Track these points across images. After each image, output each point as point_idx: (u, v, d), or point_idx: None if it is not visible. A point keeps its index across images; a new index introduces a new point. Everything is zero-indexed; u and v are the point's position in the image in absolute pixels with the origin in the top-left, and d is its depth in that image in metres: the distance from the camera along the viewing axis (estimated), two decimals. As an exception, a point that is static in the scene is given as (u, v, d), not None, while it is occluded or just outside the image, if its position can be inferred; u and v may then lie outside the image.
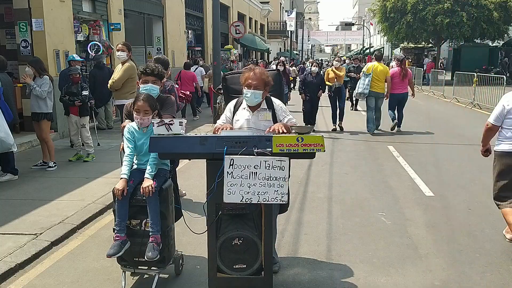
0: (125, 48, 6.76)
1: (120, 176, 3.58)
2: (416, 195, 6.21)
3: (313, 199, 6.03)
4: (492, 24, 27.22)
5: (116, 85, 6.88)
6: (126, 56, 6.78)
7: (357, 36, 62.49)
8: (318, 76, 11.12)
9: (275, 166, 3.22)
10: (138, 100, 3.61)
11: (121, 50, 6.74)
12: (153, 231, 3.50)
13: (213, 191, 3.28)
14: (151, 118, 3.61)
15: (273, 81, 3.82)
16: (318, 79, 11.06)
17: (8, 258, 4.16)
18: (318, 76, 11.12)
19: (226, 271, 3.45)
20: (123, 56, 6.76)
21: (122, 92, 6.93)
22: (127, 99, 6.41)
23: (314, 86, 11.00)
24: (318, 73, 11.20)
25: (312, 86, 11.00)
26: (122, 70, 6.81)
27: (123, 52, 6.73)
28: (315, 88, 11.00)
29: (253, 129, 3.61)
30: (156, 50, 16.18)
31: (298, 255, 4.38)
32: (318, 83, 11.02)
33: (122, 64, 6.88)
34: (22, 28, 9.62)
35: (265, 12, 38.65)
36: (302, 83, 11.28)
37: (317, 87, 10.99)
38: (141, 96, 3.64)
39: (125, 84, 6.88)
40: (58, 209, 5.43)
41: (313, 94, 11.01)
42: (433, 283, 3.84)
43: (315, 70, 11.13)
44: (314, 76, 11.08)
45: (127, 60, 6.83)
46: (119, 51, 6.76)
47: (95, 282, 3.87)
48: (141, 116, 3.60)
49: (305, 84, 11.13)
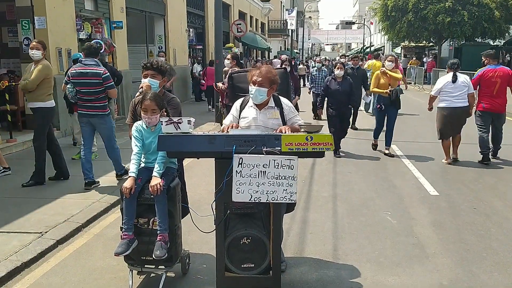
0: (40, 46, 6.13)
1: (128, 174, 3.56)
2: (420, 194, 6.20)
3: (318, 198, 6.02)
4: (493, 23, 27.16)
5: (31, 86, 6.08)
6: (41, 55, 6.14)
7: (358, 35, 62.46)
8: (345, 82, 8.29)
9: (284, 165, 3.20)
10: (145, 99, 3.59)
11: (35, 48, 6.07)
12: (161, 229, 3.49)
13: (222, 190, 3.27)
14: (158, 116, 3.59)
15: (280, 80, 3.80)
16: (345, 85, 8.26)
17: (14, 257, 4.15)
18: (345, 82, 8.29)
19: (234, 270, 3.44)
20: (37, 55, 6.09)
21: (37, 94, 6.16)
22: (44, 102, 6.18)
23: (342, 95, 8.22)
24: (345, 78, 8.33)
25: (338, 96, 8.22)
26: (37, 70, 6.08)
27: (38, 50, 6.08)
28: (344, 98, 8.23)
29: (262, 127, 3.59)
30: (158, 49, 16.15)
31: (305, 254, 4.37)
32: (346, 91, 8.24)
33: (34, 63, 6.16)
34: (25, 26, 9.59)
35: (265, 10, 38.59)
36: (324, 93, 8.55)
37: (346, 97, 8.24)
38: (148, 95, 3.62)
39: (41, 85, 6.13)
40: (62, 207, 5.42)
41: (342, 106, 8.28)
42: (441, 283, 3.83)
43: (340, 74, 8.27)
44: (340, 82, 8.28)
45: (41, 60, 6.17)
46: (34, 49, 6.07)
47: (102, 281, 3.86)
48: (148, 115, 3.58)
49: (329, 94, 8.37)
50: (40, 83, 6.13)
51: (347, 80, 8.36)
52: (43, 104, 6.23)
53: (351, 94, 8.41)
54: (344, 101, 8.25)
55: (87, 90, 6.11)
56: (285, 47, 46.80)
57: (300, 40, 54.92)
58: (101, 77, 6.11)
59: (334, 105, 8.28)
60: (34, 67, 6.16)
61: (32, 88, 6.12)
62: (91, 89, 6.10)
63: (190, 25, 19.60)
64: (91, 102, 6.17)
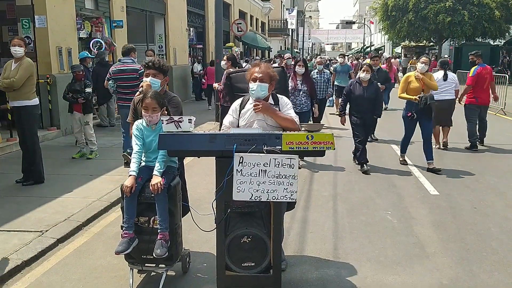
0: (22, 43, 6.05)
1: (129, 173, 3.56)
2: (421, 193, 6.20)
3: (318, 198, 6.02)
4: (493, 23, 27.18)
5: (17, 84, 5.96)
6: (23, 52, 6.05)
7: (358, 35, 62.45)
8: (371, 87, 7.24)
9: (284, 164, 3.20)
10: (146, 98, 3.59)
11: (17, 45, 5.97)
12: (161, 228, 3.49)
13: (222, 189, 3.27)
14: (159, 115, 3.59)
15: (278, 77, 3.80)
16: (371, 91, 7.20)
17: (14, 255, 4.15)
18: (371, 87, 7.24)
19: (234, 269, 3.44)
20: (20, 52, 5.99)
21: (22, 92, 6.07)
22: (30, 99, 6.11)
23: (366, 102, 7.19)
24: (371, 83, 7.29)
25: (362, 102, 7.19)
26: (22, 68, 5.99)
27: (20, 47, 5.98)
28: (368, 105, 7.21)
29: (261, 122, 3.59)
30: (158, 48, 16.15)
31: (305, 253, 4.37)
32: (372, 98, 7.19)
33: (15, 61, 6.05)
34: (25, 25, 9.59)
35: (266, 10, 38.58)
36: (346, 98, 7.47)
37: (370, 104, 7.21)
38: (148, 93, 3.62)
39: (26, 83, 6.06)
40: (63, 206, 5.42)
41: (365, 115, 7.27)
42: (441, 282, 3.83)
43: (365, 78, 7.21)
44: (365, 87, 7.25)
45: (23, 57, 6.06)
46: (16, 45, 5.96)
47: (102, 279, 3.86)
48: (149, 113, 3.58)
49: (352, 100, 7.38)
50: (25, 81, 6.04)
51: (373, 86, 7.27)
52: (29, 102, 6.11)
53: (377, 102, 7.30)
54: (368, 108, 7.21)
55: (125, 84, 7.14)
56: (285, 47, 46.77)
57: (300, 39, 54.89)
58: (137, 72, 7.09)
59: (358, 113, 7.27)
60: (16, 65, 6.04)
61: (18, 86, 6.00)
62: (129, 83, 7.10)
63: (190, 24, 19.60)
64: (129, 95, 6.85)
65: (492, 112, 14.10)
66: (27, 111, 6.14)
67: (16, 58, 6.06)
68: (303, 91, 7.73)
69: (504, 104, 14.09)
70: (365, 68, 7.34)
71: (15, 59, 6.08)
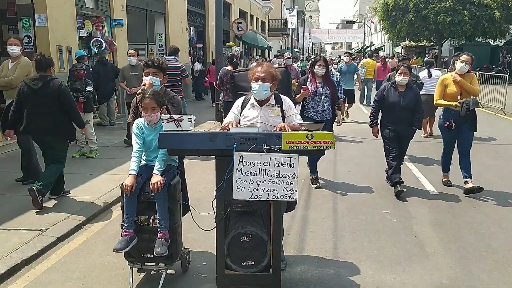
0: (18, 42, 6.12)
1: (129, 172, 3.57)
2: (420, 193, 6.20)
3: (318, 197, 6.03)
4: (493, 23, 27.18)
5: (16, 82, 5.91)
6: (20, 51, 6.12)
7: (358, 34, 62.48)
8: (409, 93, 6.03)
9: (284, 163, 3.21)
10: (144, 97, 3.59)
11: (14, 44, 6.04)
12: (161, 227, 3.49)
13: (222, 188, 3.27)
14: (159, 114, 3.59)
15: (280, 77, 3.81)
16: (410, 97, 6.00)
17: (14, 254, 4.15)
18: (409, 93, 6.03)
19: (234, 268, 3.45)
20: (16, 51, 6.05)
21: None
22: None
23: (404, 111, 6.00)
24: (409, 87, 6.08)
25: (399, 111, 6.00)
26: (20, 66, 6.06)
27: (16, 46, 6.04)
28: (406, 115, 6.01)
29: (263, 125, 3.60)
30: (158, 47, 16.15)
31: (305, 252, 4.37)
32: (410, 106, 5.99)
33: (12, 60, 6.12)
34: (25, 24, 9.58)
35: (266, 9, 38.54)
36: (378, 105, 6.28)
37: (409, 114, 6.01)
38: (147, 93, 3.62)
39: None
40: (62, 205, 5.41)
41: (402, 126, 6.07)
42: (440, 281, 3.83)
43: (403, 82, 6.01)
44: (402, 92, 6.04)
45: (20, 56, 6.13)
46: (12, 45, 6.02)
47: (102, 278, 3.86)
48: (149, 113, 3.58)
49: (386, 108, 6.18)
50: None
51: (412, 91, 6.07)
52: None
53: (416, 111, 6.04)
54: (405, 118, 6.00)
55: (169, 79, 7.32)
56: (285, 46, 46.77)
57: (300, 39, 54.90)
58: (179, 69, 8.34)
59: (393, 124, 6.08)
60: (14, 64, 6.07)
61: (17, 84, 5.87)
62: (171, 78, 7.49)
63: (191, 24, 19.60)
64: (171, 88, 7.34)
65: (492, 112, 14.18)
66: None
67: (13, 57, 6.11)
68: (325, 95, 6.30)
69: (504, 104, 14.09)
70: (402, 70, 6.00)
71: (12, 58, 6.14)
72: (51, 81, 5.36)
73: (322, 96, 6.30)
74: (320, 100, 6.30)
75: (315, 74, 6.36)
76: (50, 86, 5.31)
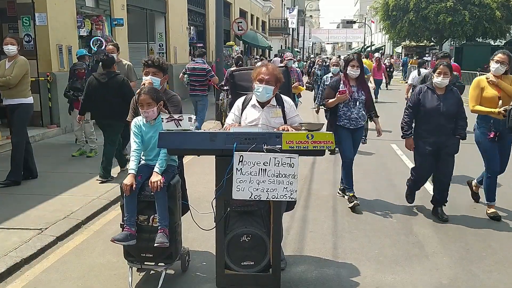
0: (14, 41, 6.06)
1: (128, 171, 3.56)
2: (420, 193, 6.18)
3: (318, 197, 6.02)
4: (494, 23, 27.21)
5: (13, 82, 5.95)
6: (16, 50, 6.06)
7: (359, 34, 62.47)
8: (450, 96, 5.04)
9: (284, 163, 3.21)
10: (140, 94, 3.59)
11: (10, 43, 5.97)
12: (161, 225, 3.48)
13: (222, 187, 3.27)
14: (156, 109, 3.59)
15: (283, 79, 3.79)
16: (450, 102, 5.01)
17: (13, 253, 4.15)
18: (450, 96, 5.04)
19: (233, 268, 3.44)
20: (13, 50, 6.00)
21: (18, 90, 6.05)
22: (26, 97, 6.12)
23: (444, 118, 5.00)
24: (449, 90, 5.06)
25: (438, 118, 5.00)
26: (18, 65, 6.00)
27: (13, 45, 5.99)
28: (446, 122, 5.01)
29: (264, 126, 3.59)
30: (158, 46, 16.14)
31: (304, 252, 4.37)
32: (451, 112, 5.00)
33: (9, 59, 6.06)
34: (25, 23, 9.58)
35: (266, 9, 38.54)
36: (412, 111, 5.19)
37: (450, 121, 5.02)
38: (142, 90, 3.61)
39: (21, 81, 6.06)
40: (62, 204, 5.42)
41: (442, 137, 5.03)
42: (440, 282, 3.83)
43: (442, 83, 4.99)
44: (441, 95, 5.03)
45: (17, 55, 6.08)
46: (8, 44, 5.96)
47: (101, 278, 3.86)
48: (145, 109, 3.57)
49: (421, 116, 5.13)
50: (21, 78, 6.03)
51: (453, 94, 5.08)
52: (25, 100, 6.11)
53: (460, 116, 5.05)
54: (447, 127, 5.00)
55: (196, 79, 9.71)
56: (285, 46, 46.78)
57: (300, 39, 54.89)
58: (205, 71, 9.73)
59: (431, 134, 5.04)
60: (11, 63, 6.03)
61: (14, 83, 5.99)
62: (198, 78, 9.68)
63: (191, 23, 19.59)
64: (197, 87, 9.70)
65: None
66: (22, 108, 6.12)
67: (10, 56, 6.05)
68: (360, 101, 5.50)
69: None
70: (442, 69, 4.96)
71: (9, 58, 6.08)
72: (115, 76, 6.38)
73: (357, 102, 5.50)
74: (355, 106, 5.49)
75: (348, 77, 5.53)
76: (114, 80, 6.32)
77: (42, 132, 9.42)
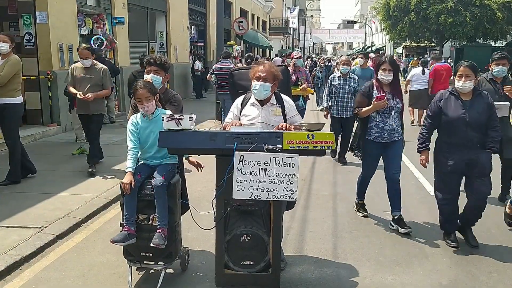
0: (7, 39, 5.87)
1: (126, 170, 3.55)
2: (420, 194, 6.20)
3: (318, 197, 6.02)
4: (495, 24, 27.23)
5: (3, 81, 5.79)
6: (9, 48, 5.88)
7: (359, 34, 62.49)
8: (478, 103, 4.28)
9: (285, 163, 3.21)
10: (136, 90, 3.58)
11: (2, 40, 5.80)
12: (160, 225, 3.48)
13: (222, 187, 3.27)
14: (154, 102, 3.60)
15: (281, 77, 3.79)
16: (478, 110, 4.25)
17: (13, 251, 4.14)
18: (478, 103, 4.28)
19: (233, 268, 3.45)
20: (5, 48, 5.82)
21: (7, 89, 5.88)
22: (14, 97, 5.94)
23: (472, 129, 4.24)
24: (477, 95, 4.31)
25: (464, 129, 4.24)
26: (9, 64, 5.85)
27: (5, 43, 5.81)
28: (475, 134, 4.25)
29: (263, 125, 3.59)
30: (159, 45, 16.14)
31: (304, 252, 4.36)
32: (480, 121, 4.24)
33: (2, 57, 5.88)
34: (26, 21, 9.58)
35: (267, 9, 38.53)
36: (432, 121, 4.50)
37: (480, 132, 4.27)
38: (137, 85, 3.61)
39: (11, 80, 5.89)
40: (62, 202, 5.41)
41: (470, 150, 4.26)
42: (440, 283, 3.83)
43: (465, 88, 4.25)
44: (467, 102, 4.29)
45: (9, 53, 5.91)
46: (1, 41, 5.81)
47: (101, 276, 3.86)
48: (144, 103, 3.57)
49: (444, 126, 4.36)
50: (11, 78, 5.88)
51: (482, 99, 4.29)
52: (14, 100, 5.96)
53: (491, 126, 4.27)
54: (474, 139, 4.24)
55: (222, 78, 9.81)
56: (286, 46, 46.77)
57: (301, 39, 54.87)
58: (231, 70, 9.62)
59: (455, 149, 4.29)
60: (3, 61, 5.88)
61: (3, 82, 5.82)
62: (225, 77, 9.27)
63: (192, 22, 19.58)
64: (224, 86, 9.60)
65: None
66: (11, 109, 5.98)
67: (3, 54, 5.90)
68: (395, 110, 4.81)
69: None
70: (463, 70, 4.24)
71: (2, 56, 5.92)
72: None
73: (392, 111, 4.79)
74: (390, 116, 4.79)
75: (380, 82, 4.84)
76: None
77: (42, 131, 9.42)
